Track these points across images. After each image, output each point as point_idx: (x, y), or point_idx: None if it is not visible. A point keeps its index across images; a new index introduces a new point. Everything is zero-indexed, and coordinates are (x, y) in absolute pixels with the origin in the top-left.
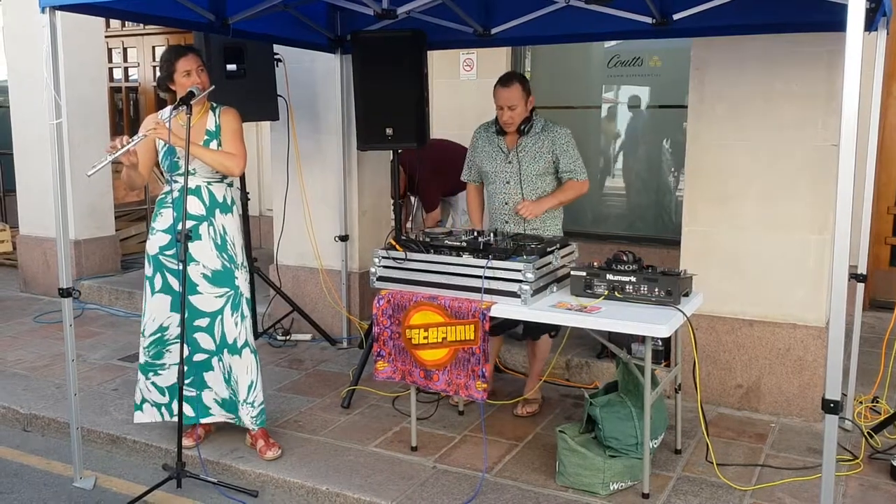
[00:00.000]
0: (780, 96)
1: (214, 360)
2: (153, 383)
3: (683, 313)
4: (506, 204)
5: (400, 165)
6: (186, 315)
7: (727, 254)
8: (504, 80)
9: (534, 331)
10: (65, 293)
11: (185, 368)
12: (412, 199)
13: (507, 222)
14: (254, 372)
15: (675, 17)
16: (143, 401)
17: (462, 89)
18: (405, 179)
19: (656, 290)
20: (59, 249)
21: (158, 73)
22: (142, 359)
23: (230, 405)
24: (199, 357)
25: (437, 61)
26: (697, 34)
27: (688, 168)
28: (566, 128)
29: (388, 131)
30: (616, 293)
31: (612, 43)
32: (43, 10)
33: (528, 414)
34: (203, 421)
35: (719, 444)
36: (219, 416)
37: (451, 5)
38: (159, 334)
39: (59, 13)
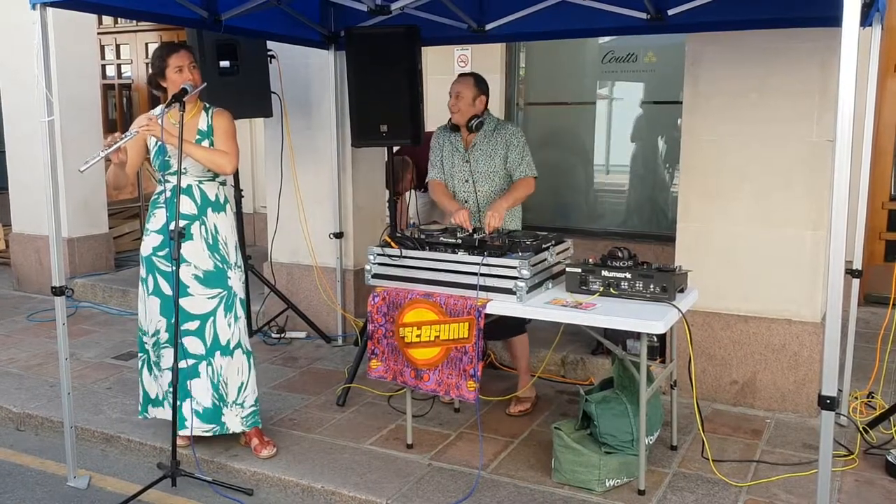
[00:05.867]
0: (774, 91)
1: (202, 366)
2: (160, 384)
3: (679, 309)
4: (465, 202)
5: (411, 160)
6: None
7: (722, 249)
8: (460, 75)
9: (506, 331)
10: (58, 292)
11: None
12: (411, 192)
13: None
14: (245, 373)
15: (670, 12)
16: (155, 398)
17: None
18: (414, 173)
19: (651, 286)
20: (51, 247)
21: (150, 70)
22: (153, 357)
23: (211, 414)
24: (186, 363)
25: (431, 57)
26: (692, 30)
27: (682, 164)
28: (518, 127)
29: (383, 128)
30: (611, 289)
31: (607, 39)
32: (33, 7)
33: (520, 413)
34: (180, 433)
35: (715, 441)
36: (195, 429)
37: (446, 1)
38: (154, 337)
39: (50, 9)
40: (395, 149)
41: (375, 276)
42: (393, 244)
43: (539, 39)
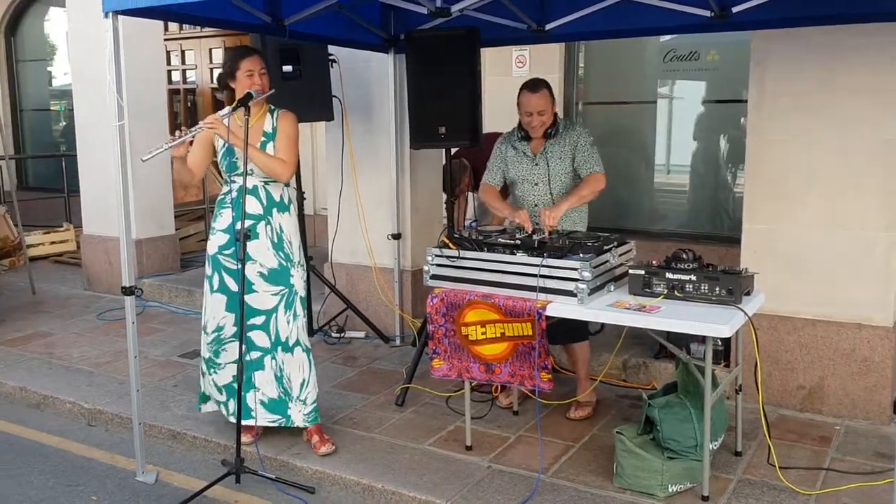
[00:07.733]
0: (844, 89)
1: (267, 359)
2: (212, 381)
3: (745, 313)
4: (535, 206)
5: (468, 162)
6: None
7: (789, 252)
8: (532, 86)
9: (567, 336)
10: (128, 291)
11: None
12: (469, 195)
13: (537, 224)
14: (306, 370)
15: (735, 9)
16: (209, 396)
17: (514, 86)
18: (471, 176)
19: (717, 289)
20: (122, 249)
21: (221, 70)
22: (205, 354)
23: (277, 405)
24: (252, 355)
25: (489, 58)
26: (757, 27)
27: (748, 164)
28: (584, 126)
29: (441, 130)
30: (676, 292)
31: (668, 37)
32: (106, 15)
33: (580, 417)
34: (246, 423)
35: (781, 447)
36: (260, 419)
37: (506, 2)
38: (216, 333)
39: (121, 17)
40: (453, 151)
41: (434, 276)
42: (451, 245)
43: (600, 38)
